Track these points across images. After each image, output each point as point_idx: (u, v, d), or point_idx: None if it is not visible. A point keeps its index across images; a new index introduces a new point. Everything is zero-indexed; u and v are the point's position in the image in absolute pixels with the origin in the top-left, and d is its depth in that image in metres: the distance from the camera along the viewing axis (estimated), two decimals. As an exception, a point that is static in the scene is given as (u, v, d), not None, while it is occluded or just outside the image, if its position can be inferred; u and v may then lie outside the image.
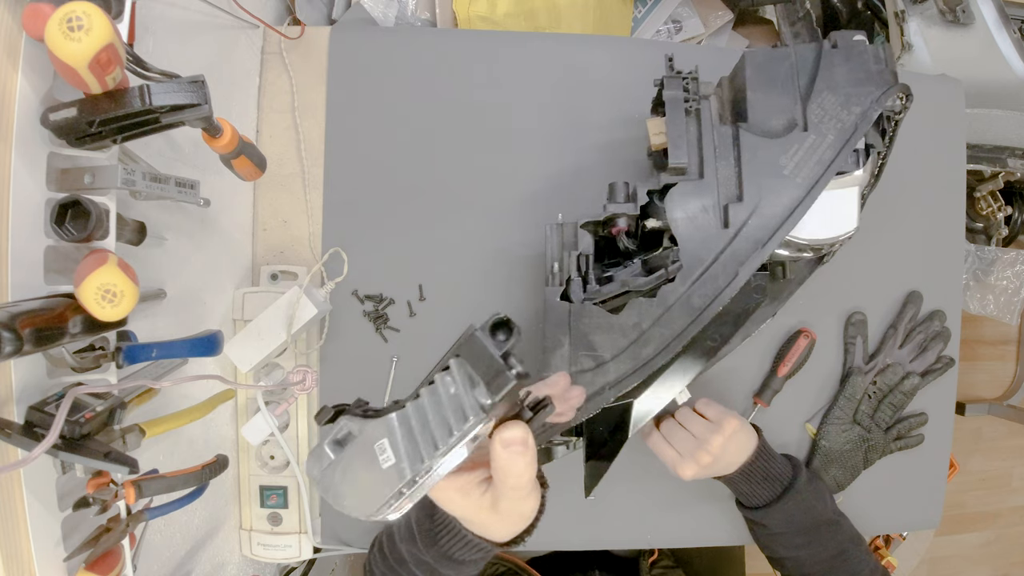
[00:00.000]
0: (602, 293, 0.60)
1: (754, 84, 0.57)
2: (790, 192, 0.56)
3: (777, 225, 0.56)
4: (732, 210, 0.56)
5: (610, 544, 0.80)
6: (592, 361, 0.58)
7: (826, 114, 0.56)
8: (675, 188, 0.58)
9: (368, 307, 0.75)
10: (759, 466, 0.66)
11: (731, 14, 1.06)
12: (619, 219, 0.60)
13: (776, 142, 0.56)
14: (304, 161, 0.76)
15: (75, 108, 0.39)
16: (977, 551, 1.87)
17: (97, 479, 0.44)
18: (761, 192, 0.56)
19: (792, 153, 0.56)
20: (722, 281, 0.56)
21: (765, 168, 0.56)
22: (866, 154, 0.56)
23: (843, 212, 0.57)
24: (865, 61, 0.56)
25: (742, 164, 0.57)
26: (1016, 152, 1.10)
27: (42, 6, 0.37)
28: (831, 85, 0.56)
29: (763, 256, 0.55)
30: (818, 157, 0.56)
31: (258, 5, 0.74)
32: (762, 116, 0.57)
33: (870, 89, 0.55)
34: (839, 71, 0.56)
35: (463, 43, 0.79)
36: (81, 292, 0.38)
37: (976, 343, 1.83)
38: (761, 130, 0.57)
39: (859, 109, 0.55)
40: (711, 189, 0.57)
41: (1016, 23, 0.98)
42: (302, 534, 0.74)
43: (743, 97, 0.58)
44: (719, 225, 0.57)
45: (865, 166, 0.56)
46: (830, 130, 0.56)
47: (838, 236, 0.58)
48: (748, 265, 0.55)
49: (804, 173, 0.56)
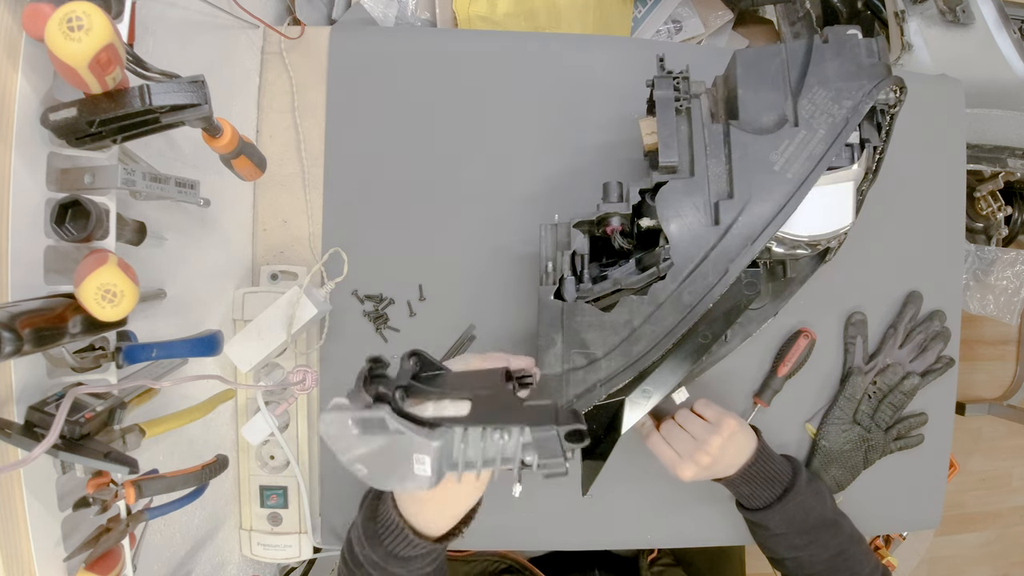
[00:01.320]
0: (594, 291, 0.60)
1: (745, 82, 0.58)
2: (780, 188, 0.56)
3: (767, 221, 0.56)
4: (722, 207, 0.56)
5: (610, 544, 0.80)
6: (584, 359, 0.58)
7: (817, 109, 0.56)
8: (666, 186, 0.58)
9: (368, 307, 0.75)
10: (759, 468, 0.66)
11: (731, 14, 1.06)
12: (612, 218, 0.60)
13: (766, 138, 0.57)
14: (304, 161, 0.76)
15: (75, 108, 0.39)
16: (977, 551, 1.87)
17: (97, 479, 0.44)
18: (751, 189, 0.56)
19: (782, 149, 0.56)
20: (712, 278, 0.56)
21: (755, 165, 0.56)
22: (860, 149, 0.56)
23: (838, 207, 0.57)
24: (857, 55, 0.56)
25: (732, 161, 0.57)
26: (1016, 152, 1.10)
27: (42, 6, 0.37)
28: (822, 80, 0.56)
29: (753, 253, 0.55)
30: (808, 152, 0.56)
31: (258, 5, 0.74)
32: (753, 113, 0.57)
33: (862, 83, 0.55)
34: (830, 65, 0.56)
35: (463, 43, 0.79)
36: (81, 292, 0.38)
37: (976, 343, 1.83)
38: (752, 127, 0.57)
39: (850, 103, 0.55)
40: (702, 187, 0.58)
41: (1016, 23, 0.98)
42: (302, 534, 0.74)
43: (734, 95, 0.58)
44: (709, 222, 0.57)
45: (860, 161, 0.56)
46: (821, 125, 0.56)
47: (834, 231, 0.58)
48: (738, 262, 0.56)
49: (794, 169, 0.56)
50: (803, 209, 0.56)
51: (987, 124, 1.06)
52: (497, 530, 0.77)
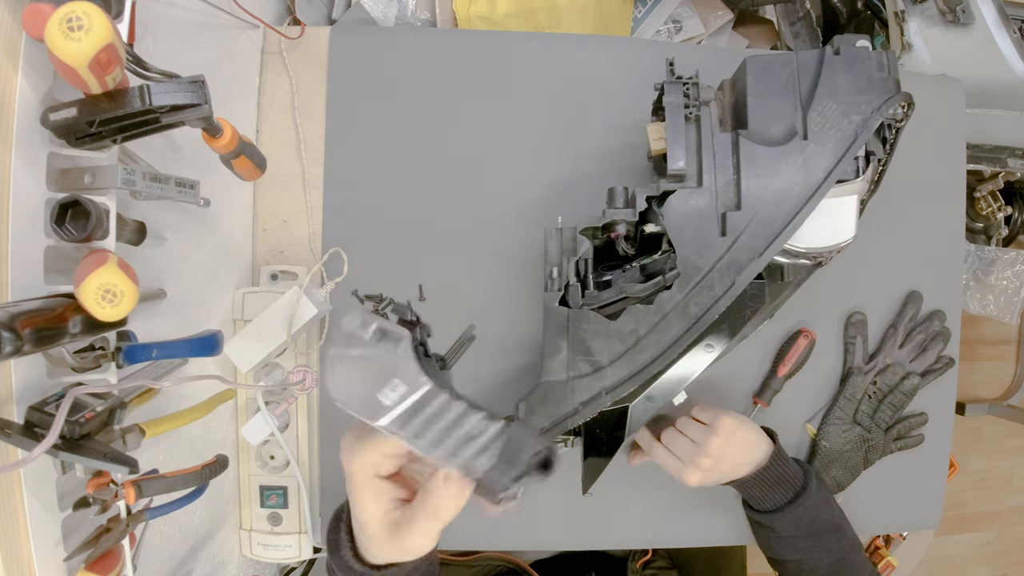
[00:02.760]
0: (600, 299, 0.60)
1: (755, 90, 0.57)
2: (788, 201, 0.55)
3: (775, 234, 0.55)
4: (730, 218, 0.56)
5: (610, 544, 0.80)
6: (590, 366, 0.58)
7: (826, 122, 0.56)
8: (673, 195, 0.57)
9: (368, 307, 0.75)
10: (773, 471, 0.65)
11: (731, 14, 1.06)
12: (618, 225, 0.60)
13: (775, 150, 0.56)
14: (304, 161, 0.76)
15: (75, 108, 0.39)
16: (977, 551, 1.87)
17: (97, 479, 0.43)
18: (759, 201, 0.56)
19: (791, 162, 0.56)
20: (719, 290, 0.56)
21: (764, 177, 0.56)
22: (866, 162, 0.56)
23: (841, 220, 0.57)
24: (868, 68, 0.56)
25: (741, 172, 0.57)
26: (1016, 152, 1.10)
27: (42, 6, 0.37)
28: (832, 93, 0.56)
29: (760, 266, 0.55)
30: (817, 166, 0.55)
31: (258, 5, 0.74)
32: (762, 123, 0.57)
33: (871, 97, 0.55)
34: (841, 78, 0.56)
35: (463, 43, 0.79)
36: (81, 292, 0.38)
37: (976, 343, 1.83)
38: (761, 137, 0.57)
39: (859, 118, 0.55)
40: (709, 197, 0.57)
41: (1016, 23, 0.98)
42: (302, 534, 0.74)
43: (743, 103, 0.58)
44: (717, 233, 0.57)
45: (865, 174, 0.56)
46: (830, 139, 0.55)
47: (836, 244, 0.58)
48: (745, 274, 0.55)
49: (803, 182, 0.55)
50: (807, 221, 0.55)
51: (987, 124, 1.06)
52: (497, 530, 0.77)
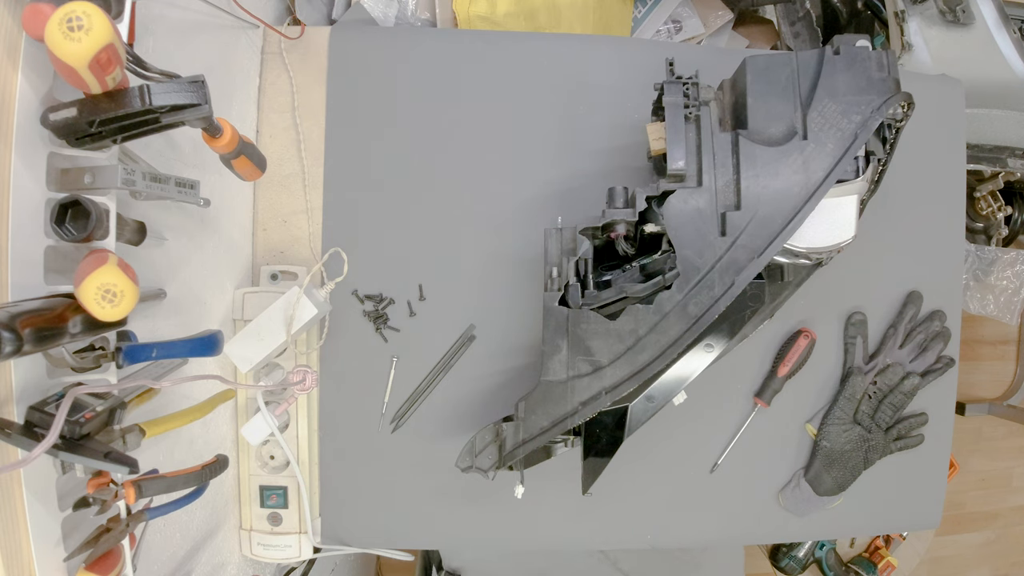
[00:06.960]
0: (600, 299, 0.60)
1: (755, 90, 0.57)
2: (788, 201, 0.55)
3: (774, 234, 0.55)
4: (730, 218, 0.56)
5: (610, 544, 0.80)
6: (589, 366, 0.58)
7: (826, 122, 0.56)
8: (673, 195, 0.57)
9: (368, 307, 0.75)
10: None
11: (731, 14, 1.06)
12: (618, 225, 0.60)
13: (775, 150, 0.56)
14: (304, 161, 0.76)
15: (75, 108, 0.39)
16: (977, 551, 1.86)
17: (97, 479, 0.43)
18: (759, 202, 0.56)
19: (791, 162, 0.56)
20: (718, 290, 0.56)
21: (763, 177, 0.56)
22: (866, 161, 0.56)
23: (841, 220, 0.57)
24: (867, 68, 0.56)
25: (740, 172, 0.57)
26: (1016, 152, 1.10)
27: (42, 6, 0.37)
28: (832, 92, 0.56)
29: (760, 266, 0.55)
30: (817, 166, 0.55)
31: (258, 5, 0.74)
32: (762, 123, 0.57)
33: (871, 97, 0.55)
34: (841, 78, 0.56)
35: (463, 43, 0.79)
36: (81, 292, 0.38)
37: (976, 343, 1.83)
38: (760, 137, 0.57)
39: (859, 118, 0.55)
40: (709, 197, 0.57)
41: (1016, 23, 0.98)
42: (302, 534, 0.74)
43: (743, 103, 0.58)
44: (716, 233, 0.57)
45: (865, 174, 0.56)
46: (830, 139, 0.55)
47: (836, 244, 0.58)
48: (744, 275, 0.55)
49: (802, 182, 0.55)
50: (807, 221, 0.55)
51: (987, 124, 1.06)
52: (498, 530, 0.77)
